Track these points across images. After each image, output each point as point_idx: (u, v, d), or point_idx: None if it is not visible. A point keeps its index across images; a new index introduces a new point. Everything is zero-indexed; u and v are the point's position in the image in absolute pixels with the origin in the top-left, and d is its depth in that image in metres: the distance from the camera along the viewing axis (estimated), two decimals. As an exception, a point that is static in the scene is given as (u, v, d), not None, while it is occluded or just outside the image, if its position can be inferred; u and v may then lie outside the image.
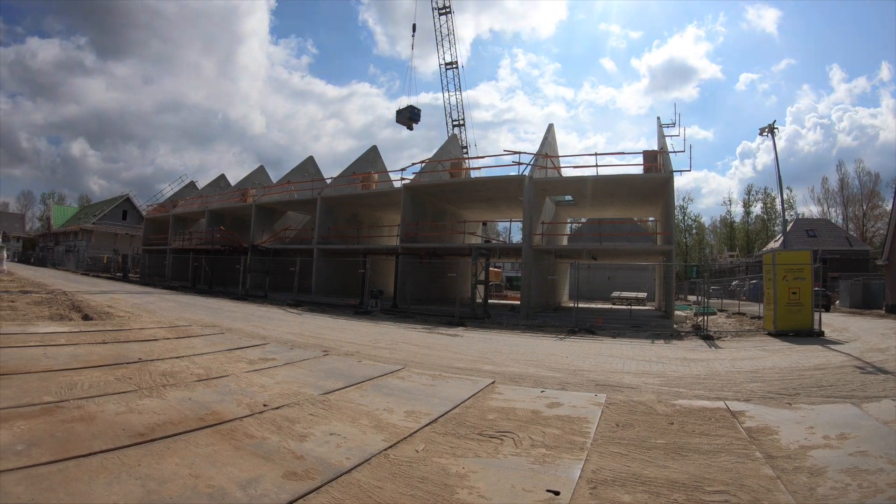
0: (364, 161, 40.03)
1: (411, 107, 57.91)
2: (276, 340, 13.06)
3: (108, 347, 10.41)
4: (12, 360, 8.40)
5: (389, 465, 4.69)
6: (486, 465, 4.72)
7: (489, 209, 37.59)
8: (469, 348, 13.87)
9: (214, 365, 9.20)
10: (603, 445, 5.38)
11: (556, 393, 8.07)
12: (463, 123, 60.31)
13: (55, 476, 4.09)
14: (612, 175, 27.13)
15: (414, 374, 9.25)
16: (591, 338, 17.40)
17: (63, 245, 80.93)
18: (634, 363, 11.84)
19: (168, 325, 14.81)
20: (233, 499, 3.89)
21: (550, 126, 31.89)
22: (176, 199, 57.41)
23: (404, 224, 31.19)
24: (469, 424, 6.06)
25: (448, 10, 57.40)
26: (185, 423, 5.62)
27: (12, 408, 5.82)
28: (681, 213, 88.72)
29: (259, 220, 41.56)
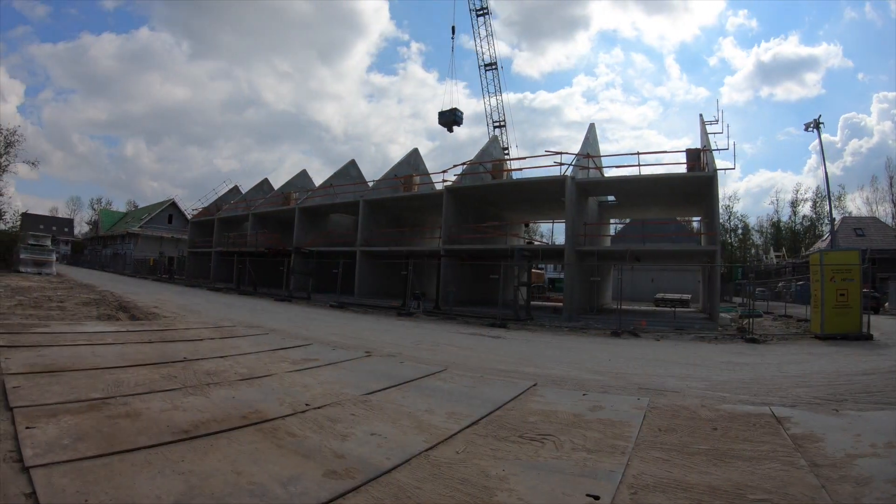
0: (406, 164, 40.13)
1: (454, 109, 57.95)
2: (318, 341, 13.16)
3: (154, 347, 10.60)
4: (61, 358, 8.61)
5: (429, 466, 4.70)
6: (525, 468, 4.70)
7: (531, 210, 37.44)
8: (511, 350, 13.86)
9: (258, 365, 9.31)
10: (644, 450, 5.32)
11: (599, 396, 8.00)
12: (504, 125, 60.15)
13: (100, 470, 4.19)
14: (655, 175, 26.72)
15: (455, 376, 9.25)
16: (634, 340, 17.27)
17: (111, 248, 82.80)
18: (678, 366, 11.70)
19: (213, 326, 15.03)
20: (273, 495, 3.94)
21: (591, 125, 31.54)
22: (221, 203, 58.11)
23: (446, 226, 31.23)
24: (510, 427, 6.04)
25: (486, 12, 57.26)
26: (228, 421, 5.71)
27: (60, 403, 5.97)
28: (726, 213, 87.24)
29: (302, 223, 41.90)
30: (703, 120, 28.38)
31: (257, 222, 47.47)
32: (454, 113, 57.93)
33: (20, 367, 7.68)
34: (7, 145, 46.05)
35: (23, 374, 7.31)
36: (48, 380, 7.06)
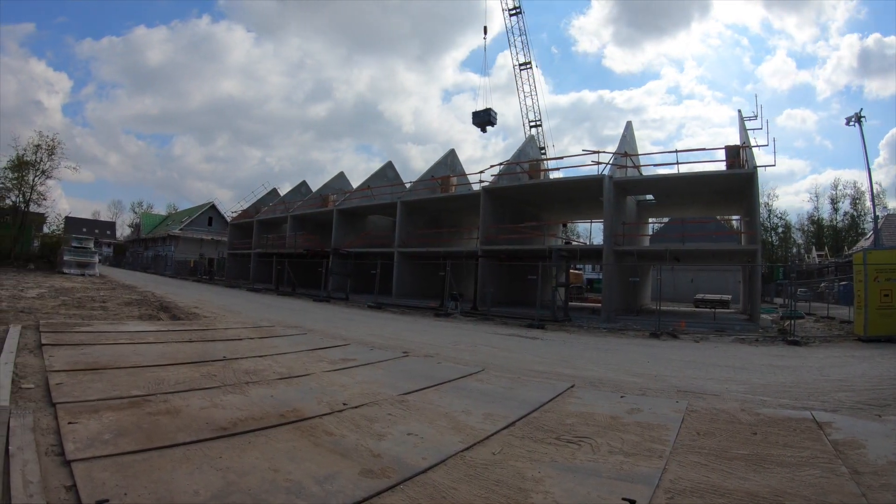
0: (443, 165, 40.16)
1: (489, 109, 57.73)
2: (356, 341, 13.24)
3: (195, 346, 10.77)
4: (104, 357, 8.79)
5: (465, 467, 4.71)
6: (562, 471, 4.68)
7: (569, 210, 37.24)
8: (549, 351, 13.81)
9: (296, 364, 9.41)
10: (682, 454, 5.26)
11: (636, 398, 7.93)
12: (540, 124, 59.76)
13: (140, 464, 4.28)
14: (693, 173, 26.38)
15: (493, 377, 9.24)
16: (673, 342, 17.11)
17: (152, 250, 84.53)
18: (718, 369, 11.56)
19: (252, 326, 15.19)
20: (309, 493, 3.98)
21: (628, 123, 31.25)
22: (259, 206, 58.75)
23: (484, 227, 31.14)
24: (547, 428, 6.02)
25: (519, 11, 57.01)
26: (266, 419, 5.78)
27: (102, 400, 6.10)
28: (766, 211, 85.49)
29: (340, 225, 42.13)
30: (741, 116, 27.79)
31: (296, 224, 47.85)
32: (488, 113, 57.69)
33: (63, 365, 7.87)
34: (49, 152, 46.99)
35: (66, 371, 7.49)
36: (90, 377, 7.23)
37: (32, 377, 7.09)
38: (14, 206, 46.46)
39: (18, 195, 46.20)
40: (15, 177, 45.29)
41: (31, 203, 46.80)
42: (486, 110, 57.74)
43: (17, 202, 46.34)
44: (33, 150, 45.73)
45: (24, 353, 8.70)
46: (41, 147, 45.81)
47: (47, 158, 46.20)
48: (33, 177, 46.10)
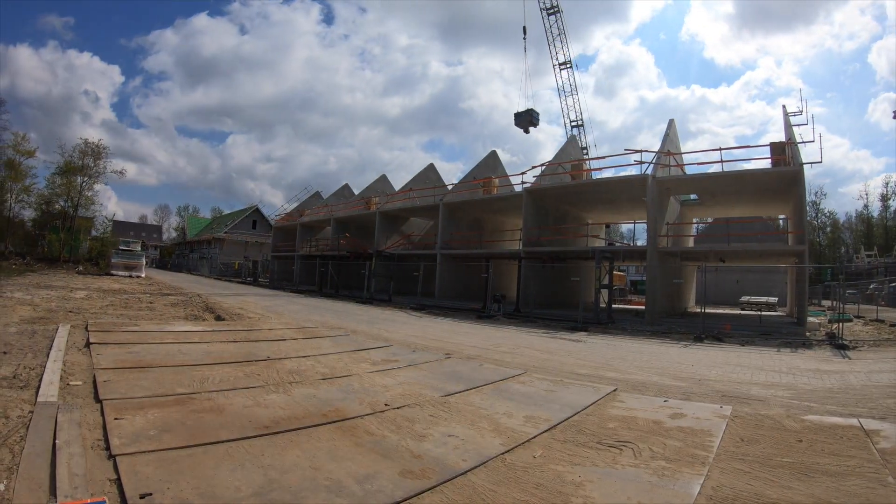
0: (484, 166, 40.07)
1: (531, 110, 57.39)
2: (399, 343, 13.30)
3: (239, 346, 10.91)
4: (150, 355, 8.98)
5: (505, 470, 4.69)
6: (602, 475, 4.64)
7: (612, 211, 36.79)
8: (591, 354, 13.69)
9: (339, 365, 9.48)
10: (725, 461, 5.17)
11: (680, 403, 7.83)
12: (581, 124, 59.32)
13: (183, 460, 4.37)
14: (737, 171, 25.81)
15: (535, 379, 9.20)
16: (718, 345, 16.84)
17: (197, 252, 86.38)
18: (763, 373, 11.32)
19: (295, 327, 15.31)
20: (349, 492, 4.01)
21: (671, 121, 30.61)
22: (302, 209, 59.33)
23: (526, 228, 30.99)
24: (588, 432, 5.97)
25: (556, 10, 56.60)
26: (308, 419, 5.84)
27: (147, 397, 6.25)
28: (813, 210, 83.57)
29: (383, 227, 42.29)
30: (786, 111, 27.05)
31: (339, 227, 48.16)
32: (530, 113, 57.39)
33: (110, 363, 8.05)
34: (95, 157, 48.21)
35: (113, 369, 7.66)
36: (136, 375, 7.39)
37: (80, 374, 7.26)
38: (63, 210, 47.63)
39: (67, 200, 47.39)
40: (63, 182, 46.46)
41: (80, 208, 48.00)
42: (528, 111, 57.39)
43: (66, 207, 47.51)
44: (80, 156, 46.89)
45: (73, 351, 8.91)
46: (87, 153, 46.95)
47: (93, 164, 47.34)
48: (81, 182, 47.24)
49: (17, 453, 4.30)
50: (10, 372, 7.04)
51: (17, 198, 48.91)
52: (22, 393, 6.09)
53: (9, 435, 4.70)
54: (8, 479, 3.86)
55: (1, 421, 5.07)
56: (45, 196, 48.57)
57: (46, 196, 48.51)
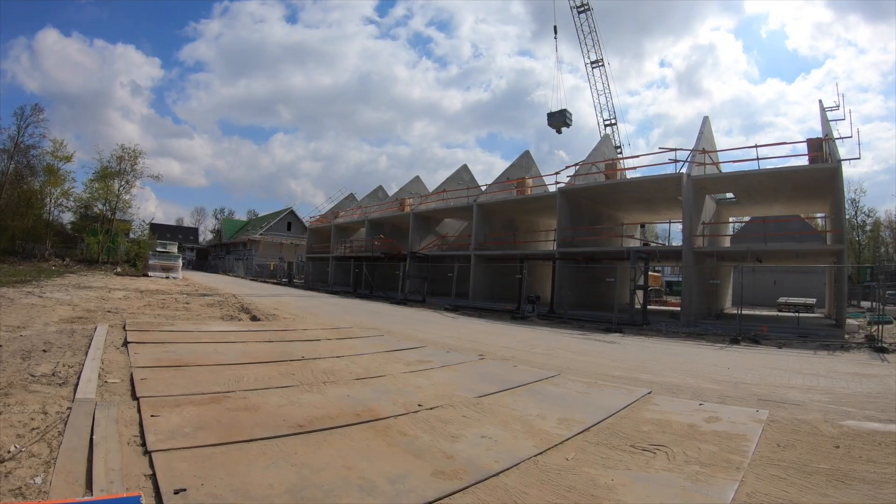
0: (518, 167, 39.97)
1: (564, 110, 57.02)
2: (433, 344, 13.30)
3: (274, 346, 11.03)
4: (186, 354, 9.11)
5: (537, 472, 4.67)
6: (635, 479, 4.59)
7: (647, 210, 36.47)
8: (626, 356, 13.59)
9: (373, 365, 9.52)
10: (760, 466, 5.09)
11: (715, 406, 7.72)
12: (615, 122, 58.83)
13: (217, 457, 4.43)
14: (774, 168, 25.25)
15: (569, 381, 9.15)
16: (754, 348, 16.62)
17: (233, 254, 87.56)
18: (800, 377, 11.12)
19: (330, 327, 15.40)
20: (381, 491, 4.02)
21: (705, 119, 30.04)
22: (337, 211, 59.72)
23: (560, 228, 30.85)
24: (622, 435, 5.92)
25: (587, 8, 56.17)
26: (342, 418, 5.87)
27: (183, 395, 6.35)
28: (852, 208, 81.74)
29: (417, 228, 42.37)
30: (822, 106, 26.35)
31: (373, 228, 48.39)
32: (563, 114, 57.04)
33: (147, 362, 8.17)
34: (132, 163, 49.20)
35: (149, 367, 7.78)
36: (173, 373, 7.50)
37: (118, 372, 7.38)
38: (101, 213, 48.69)
39: (105, 204, 48.44)
40: (100, 187, 47.50)
41: (117, 211, 49.04)
42: (562, 111, 57.00)
43: (104, 210, 48.57)
44: (117, 161, 47.94)
45: (111, 349, 9.05)
46: (124, 158, 47.97)
47: (130, 169, 48.36)
48: (118, 186, 48.28)
49: (55, 448, 4.39)
50: (50, 369, 7.18)
51: (56, 202, 50.39)
52: (61, 390, 6.20)
53: (47, 430, 4.80)
54: (45, 472, 3.94)
55: (40, 416, 5.17)
56: (83, 200, 49.65)
57: (85, 200, 49.58)
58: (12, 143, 44.45)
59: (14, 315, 12.58)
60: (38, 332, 10.30)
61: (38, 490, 3.68)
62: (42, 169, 47.90)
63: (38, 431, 4.76)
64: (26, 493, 3.64)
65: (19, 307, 14.24)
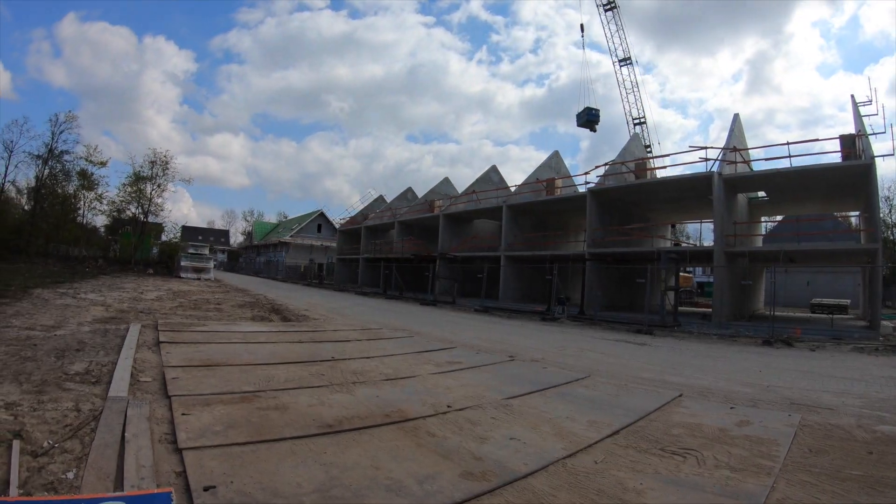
0: (547, 167, 39.91)
1: (588, 108, 56.77)
2: (462, 345, 13.29)
3: (304, 346, 11.11)
4: (217, 354, 9.21)
5: (566, 474, 4.62)
6: (665, 483, 4.53)
7: (677, 210, 36.24)
8: (657, 358, 13.48)
9: (402, 366, 9.53)
10: (792, 472, 4.98)
11: (747, 410, 7.60)
12: (644, 121, 58.39)
13: (247, 455, 4.47)
14: (806, 166, 24.61)
15: (598, 383, 9.09)
16: (787, 350, 16.42)
17: (263, 256, 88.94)
18: (834, 381, 10.93)
19: (360, 328, 15.46)
20: (409, 492, 4.02)
21: (736, 116, 29.67)
22: (367, 212, 60.16)
23: (590, 229, 30.78)
24: (651, 438, 5.85)
25: (613, 6, 55.82)
26: (371, 418, 5.89)
27: (214, 394, 6.41)
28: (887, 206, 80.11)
29: (446, 230, 42.53)
30: (854, 101, 25.84)
31: (403, 229, 48.68)
32: (589, 112, 56.84)
33: (179, 361, 8.28)
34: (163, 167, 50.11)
35: (181, 366, 7.88)
36: (204, 373, 7.59)
37: (150, 371, 7.47)
38: (134, 217, 49.76)
39: (137, 207, 49.48)
40: (133, 191, 48.53)
41: (150, 214, 50.09)
42: (586, 109, 56.83)
43: (137, 213, 49.64)
44: (149, 165, 49.02)
45: (143, 349, 9.16)
46: (156, 162, 49.04)
47: (162, 173, 49.36)
48: (150, 190, 49.33)
49: (86, 444, 4.45)
50: (83, 368, 7.28)
51: (90, 205, 51.57)
52: (94, 388, 6.29)
53: (80, 427, 4.86)
54: (77, 468, 3.99)
55: (73, 414, 5.24)
56: (116, 203, 50.63)
57: (117, 204, 50.56)
58: (46, 148, 45.35)
59: (49, 315, 12.78)
60: (72, 332, 10.46)
61: (69, 485, 3.73)
62: (76, 173, 48.93)
63: (70, 428, 4.83)
64: (58, 487, 3.69)
65: (54, 307, 14.46)
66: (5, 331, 9.88)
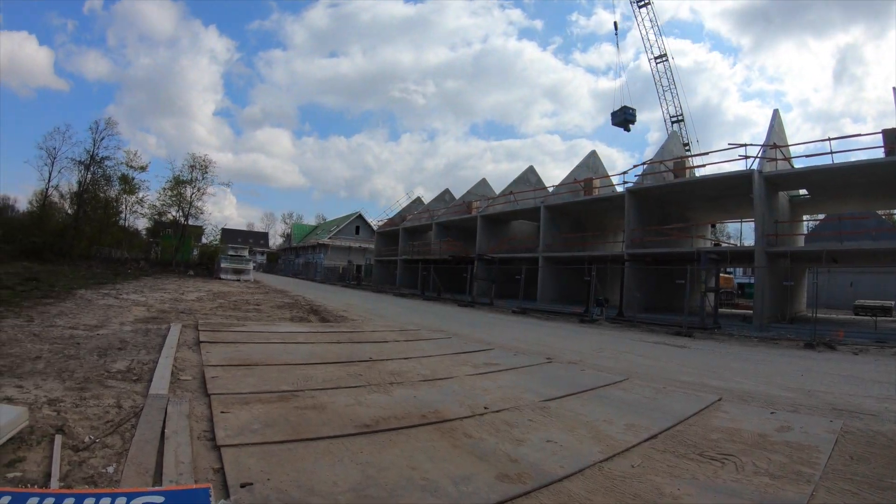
0: (584, 167, 39.70)
1: (625, 107, 56.29)
2: (500, 346, 13.25)
3: (342, 347, 11.17)
4: (256, 354, 9.32)
5: (602, 478, 4.58)
6: (702, 489, 4.46)
7: (717, 209, 35.70)
8: (696, 361, 13.32)
9: (440, 367, 9.52)
10: (832, 480, 4.87)
11: (787, 415, 7.44)
12: (682, 119, 57.67)
13: (284, 454, 4.51)
14: (848, 163, 24.11)
15: (637, 386, 8.99)
16: (829, 354, 16.12)
17: (302, 257, 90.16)
18: (877, 385, 10.66)
19: (398, 329, 15.50)
20: (444, 492, 4.02)
21: (775, 112, 29.15)
22: (405, 214, 60.45)
23: (629, 229, 30.57)
24: (690, 443, 5.77)
25: (647, 2, 55.23)
26: (407, 419, 5.90)
27: (253, 393, 6.49)
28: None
29: (484, 231, 42.57)
30: None
31: (440, 231, 48.81)
32: (625, 111, 56.38)
33: (219, 360, 8.39)
34: (203, 171, 51.07)
35: (221, 366, 7.99)
36: (243, 372, 7.68)
37: (190, 370, 7.58)
38: (174, 220, 50.94)
39: (178, 210, 50.65)
40: (173, 194, 49.71)
41: (190, 217, 51.22)
42: (622, 109, 56.40)
43: (177, 216, 50.80)
44: (188, 170, 50.18)
45: (184, 348, 9.30)
46: (195, 166, 50.19)
47: (201, 177, 50.48)
48: (190, 194, 50.48)
49: (127, 440, 4.54)
50: (125, 366, 7.41)
51: (132, 209, 53.26)
52: (135, 385, 6.41)
53: (121, 423, 4.96)
54: (117, 462, 4.08)
55: (114, 410, 5.35)
56: (156, 207, 51.84)
57: (158, 207, 51.76)
58: (88, 155, 46.65)
59: (92, 315, 13.03)
60: (115, 331, 10.67)
61: (109, 479, 3.80)
62: (117, 178, 50.20)
63: (112, 424, 4.93)
64: (98, 481, 3.77)
65: (97, 308, 14.73)
66: (50, 330, 10.10)
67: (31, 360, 7.38)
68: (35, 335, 9.41)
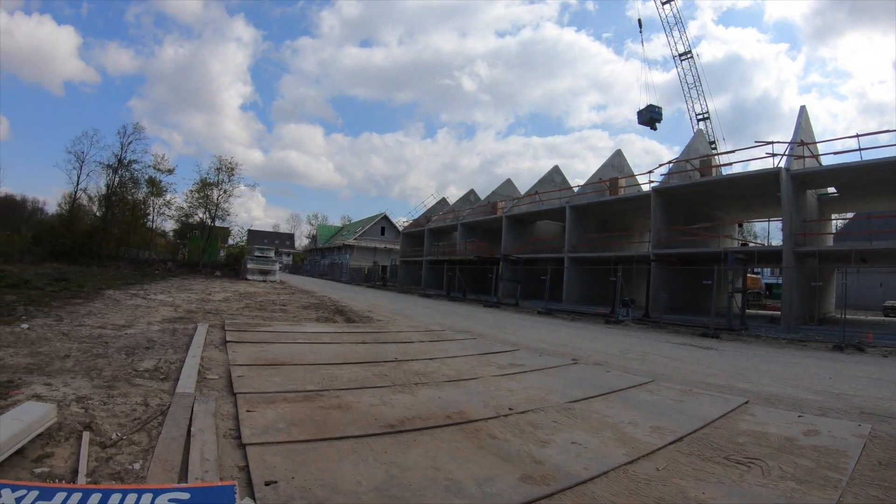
0: (610, 167, 39.50)
1: (651, 106, 55.98)
2: (525, 347, 13.24)
3: (368, 347, 11.23)
4: (282, 354, 9.41)
5: (626, 481, 4.55)
6: (727, 493, 4.41)
7: (744, 208, 35.31)
8: (723, 363, 13.20)
9: (465, 368, 9.51)
10: (859, 486, 4.79)
11: (815, 419, 7.35)
12: (708, 117, 57.18)
13: (309, 452, 4.54)
14: (878, 159, 23.65)
15: (663, 388, 8.93)
16: (858, 356, 15.91)
17: (328, 258, 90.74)
18: (907, 389, 10.57)
19: (423, 330, 15.53)
20: (468, 493, 4.02)
21: (802, 108, 28.36)
22: (430, 215, 60.55)
23: (655, 229, 30.35)
24: (716, 446, 5.71)
25: None
26: (432, 419, 5.91)
27: (279, 392, 6.54)
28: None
29: (509, 231, 42.50)
30: None
31: (465, 231, 48.80)
32: (651, 110, 56.06)
33: (245, 360, 8.48)
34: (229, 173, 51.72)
35: (247, 365, 8.07)
36: (269, 372, 7.75)
37: (216, 369, 7.65)
38: (201, 221, 51.66)
39: (205, 212, 51.40)
40: (200, 196, 50.46)
41: (216, 219, 52.00)
42: (648, 107, 56.11)
43: (204, 218, 51.53)
44: (215, 172, 50.94)
45: (210, 348, 9.39)
46: (221, 169, 50.91)
47: (227, 179, 51.21)
48: (217, 196, 51.23)
49: (153, 437, 4.60)
50: (152, 365, 7.50)
51: (159, 211, 54.11)
52: (162, 384, 6.47)
53: (147, 420, 5.02)
54: (144, 459, 4.13)
55: (141, 408, 5.41)
56: (183, 209, 52.67)
57: (185, 209, 52.53)
58: (116, 159, 47.57)
59: (120, 315, 13.19)
60: (142, 331, 10.79)
61: (136, 475, 3.86)
62: (144, 181, 51.15)
63: (139, 421, 4.99)
64: (125, 477, 3.82)
65: (125, 308, 14.91)
66: (79, 329, 10.25)
67: (60, 358, 7.49)
68: (64, 334, 9.55)
